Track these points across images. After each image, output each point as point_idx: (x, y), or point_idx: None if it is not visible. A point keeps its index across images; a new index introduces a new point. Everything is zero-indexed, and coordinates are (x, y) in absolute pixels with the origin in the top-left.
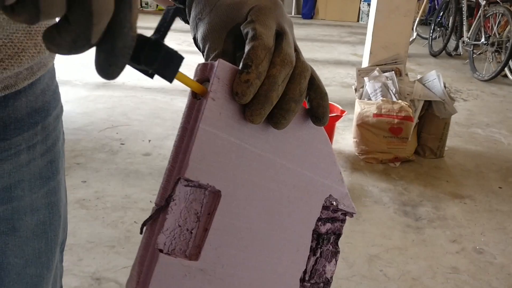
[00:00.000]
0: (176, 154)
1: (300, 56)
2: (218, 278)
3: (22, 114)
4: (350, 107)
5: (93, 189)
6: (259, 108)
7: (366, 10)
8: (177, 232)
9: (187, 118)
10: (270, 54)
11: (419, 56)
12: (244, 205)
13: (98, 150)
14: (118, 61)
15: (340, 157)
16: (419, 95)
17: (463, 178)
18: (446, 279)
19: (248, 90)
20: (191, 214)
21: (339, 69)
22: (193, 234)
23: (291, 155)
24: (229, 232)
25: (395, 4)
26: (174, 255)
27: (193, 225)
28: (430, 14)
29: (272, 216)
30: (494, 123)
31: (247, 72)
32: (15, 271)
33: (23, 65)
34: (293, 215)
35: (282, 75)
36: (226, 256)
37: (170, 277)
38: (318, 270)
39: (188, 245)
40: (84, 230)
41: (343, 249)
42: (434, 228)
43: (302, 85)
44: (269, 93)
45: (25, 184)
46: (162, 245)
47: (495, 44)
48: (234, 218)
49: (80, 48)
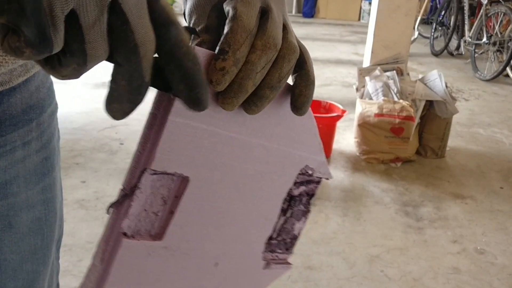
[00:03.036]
0: (145, 141)
1: (288, 36)
2: (183, 253)
3: (17, 111)
4: (351, 106)
5: (92, 189)
6: (231, 96)
7: (367, 9)
8: (142, 215)
9: (158, 104)
10: (251, 37)
11: (421, 56)
12: (214, 187)
13: (97, 150)
14: (197, 81)
15: (341, 157)
16: (421, 94)
17: (464, 178)
18: (447, 280)
19: (223, 79)
20: (158, 199)
21: (340, 69)
22: (159, 216)
23: (269, 134)
24: (196, 213)
25: (397, 3)
26: (139, 237)
27: (159, 208)
28: (432, 13)
29: (243, 193)
30: (496, 123)
31: (223, 58)
32: (11, 267)
33: (17, 62)
34: (265, 189)
35: (263, 61)
36: (192, 233)
37: (133, 257)
38: (286, 229)
39: (153, 226)
40: (84, 230)
41: (343, 250)
42: (435, 228)
43: (283, 70)
44: (244, 81)
45: (21, 180)
46: (127, 228)
47: (497, 43)
48: (203, 200)
49: (137, 90)
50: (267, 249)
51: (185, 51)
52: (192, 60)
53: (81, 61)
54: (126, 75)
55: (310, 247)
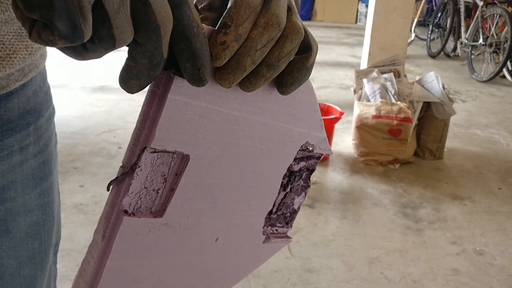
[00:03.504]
0: (144, 118)
1: (292, 17)
2: (183, 229)
3: (14, 115)
4: (349, 109)
5: (90, 193)
6: (228, 73)
7: (364, 11)
8: (143, 193)
9: (157, 81)
10: (255, 14)
11: (418, 57)
12: (214, 164)
13: (95, 154)
14: (204, 62)
15: (339, 159)
16: (418, 96)
17: (462, 179)
18: (447, 281)
19: (224, 53)
20: (158, 176)
21: (338, 71)
22: (159, 193)
23: (270, 111)
24: (196, 190)
25: (393, 6)
26: (139, 215)
27: (160, 186)
28: (428, 15)
29: (243, 170)
30: (493, 124)
31: (225, 32)
32: (8, 272)
33: (14, 67)
34: (265, 165)
35: (264, 38)
36: (192, 209)
37: (134, 234)
38: (286, 203)
39: (154, 203)
40: (82, 235)
41: (343, 252)
42: (434, 230)
43: (284, 49)
44: (242, 58)
45: (18, 185)
46: (127, 206)
47: (493, 45)
48: (203, 177)
49: (157, 66)
50: (267, 223)
51: (196, 32)
52: (201, 41)
53: (110, 46)
54: (147, 54)
55: (310, 250)
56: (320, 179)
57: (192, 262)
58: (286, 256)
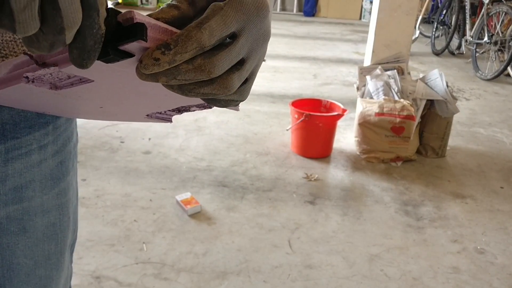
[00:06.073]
0: None
1: (235, 74)
2: (73, 98)
3: (32, 113)
4: (352, 105)
5: (93, 187)
6: (142, 73)
7: (368, 8)
8: (47, 76)
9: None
10: (199, 51)
11: (422, 55)
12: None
13: (98, 148)
14: (90, 56)
15: (341, 156)
16: (422, 94)
17: (464, 177)
18: (447, 279)
19: (152, 68)
20: (64, 75)
21: (341, 67)
22: (62, 81)
23: None
24: (94, 92)
25: (398, 2)
26: (38, 84)
27: (64, 78)
28: (433, 13)
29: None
30: (497, 122)
31: (163, 52)
32: (24, 272)
33: None
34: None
35: (188, 76)
36: (87, 99)
37: (26, 89)
38: (184, 107)
39: (53, 84)
40: (84, 228)
41: (343, 249)
42: (435, 228)
43: (201, 90)
44: (159, 75)
45: (36, 184)
46: (30, 75)
47: (498, 43)
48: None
49: (57, 49)
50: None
51: (94, 33)
52: (96, 40)
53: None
54: (50, 41)
55: (310, 246)
56: (321, 175)
57: None
58: (286, 252)
